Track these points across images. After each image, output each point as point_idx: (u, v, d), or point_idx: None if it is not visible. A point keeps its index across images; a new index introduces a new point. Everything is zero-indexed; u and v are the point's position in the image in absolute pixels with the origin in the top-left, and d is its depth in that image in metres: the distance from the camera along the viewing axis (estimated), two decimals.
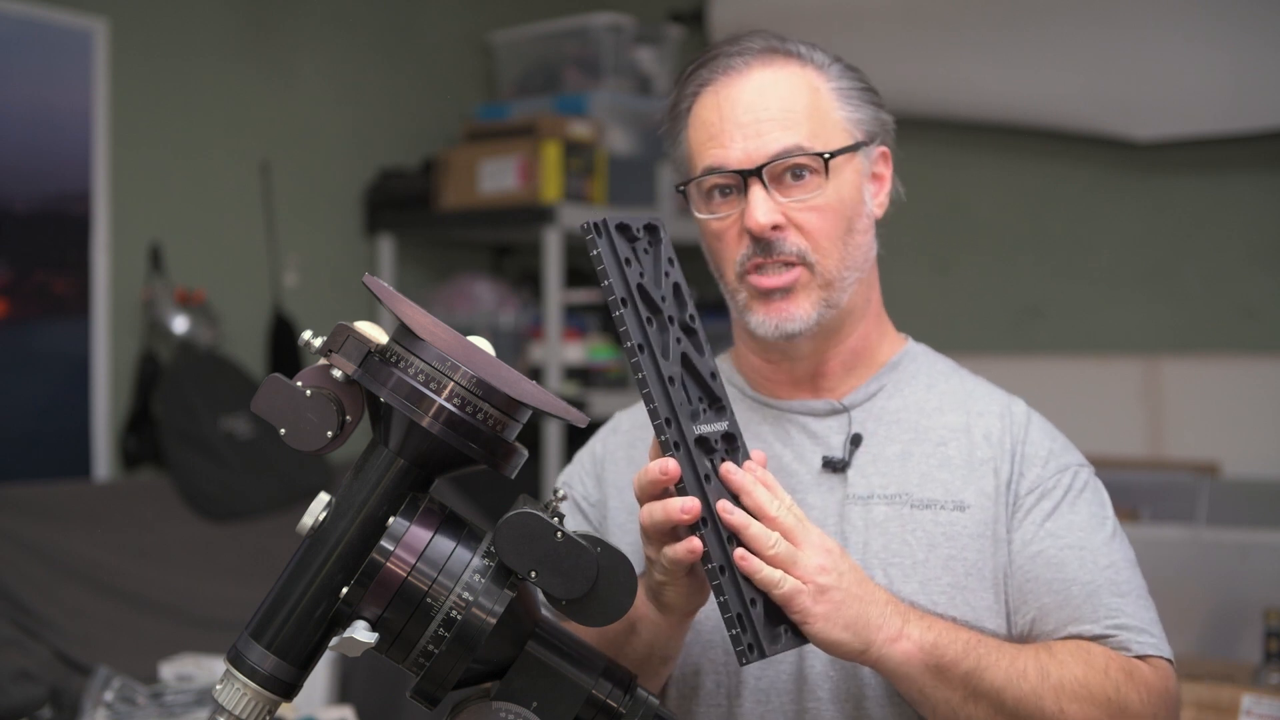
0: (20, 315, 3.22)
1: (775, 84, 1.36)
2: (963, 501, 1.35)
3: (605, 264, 1.17)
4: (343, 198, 3.96)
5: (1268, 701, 2.24)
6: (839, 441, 1.40)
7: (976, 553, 1.33)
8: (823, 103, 1.37)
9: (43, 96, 3.26)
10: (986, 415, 1.40)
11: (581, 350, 3.81)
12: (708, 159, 1.36)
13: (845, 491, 1.37)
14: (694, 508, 1.14)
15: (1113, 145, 3.64)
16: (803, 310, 1.36)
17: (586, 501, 1.48)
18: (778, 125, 1.34)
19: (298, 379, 1.04)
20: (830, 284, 1.36)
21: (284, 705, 1.07)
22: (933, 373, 1.45)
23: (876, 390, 1.42)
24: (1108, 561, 1.33)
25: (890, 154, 1.44)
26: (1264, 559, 2.84)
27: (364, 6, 4.01)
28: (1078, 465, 1.39)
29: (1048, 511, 1.34)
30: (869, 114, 1.40)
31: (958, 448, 1.38)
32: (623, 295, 1.17)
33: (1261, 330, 3.49)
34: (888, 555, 1.34)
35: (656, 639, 1.28)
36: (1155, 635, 1.32)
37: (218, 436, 3.30)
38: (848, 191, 1.37)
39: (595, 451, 1.51)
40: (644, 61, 4.07)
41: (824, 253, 1.35)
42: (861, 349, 1.43)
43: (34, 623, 2.82)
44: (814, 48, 1.41)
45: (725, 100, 1.36)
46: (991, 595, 1.33)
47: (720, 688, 1.36)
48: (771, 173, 1.34)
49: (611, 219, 1.19)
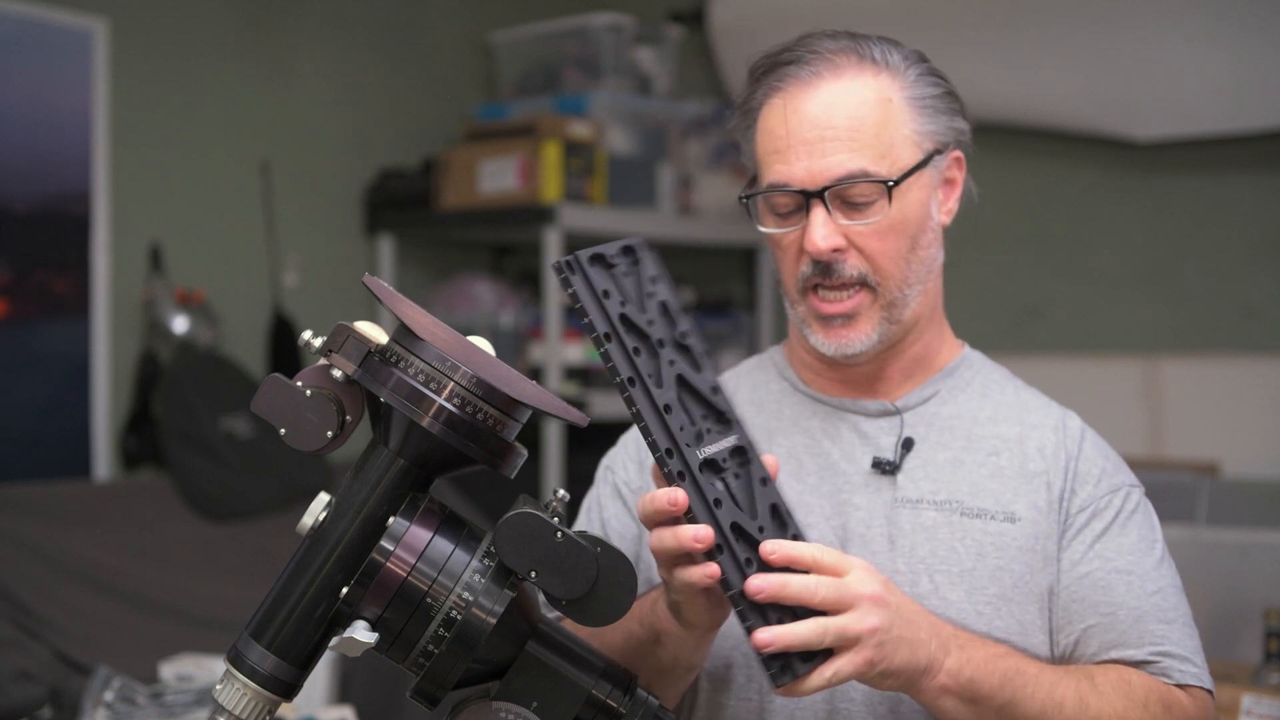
0: (20, 315, 3.22)
1: (845, 97, 1.32)
2: (1014, 514, 1.33)
3: (583, 301, 1.14)
4: (343, 198, 3.96)
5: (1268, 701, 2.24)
6: (889, 443, 1.38)
7: (1024, 566, 1.32)
8: (894, 117, 1.33)
9: (43, 96, 3.25)
10: (1041, 428, 1.38)
11: (581, 350, 3.81)
12: (772, 174, 1.33)
13: (895, 494, 1.35)
14: (707, 537, 1.11)
15: (1113, 145, 3.64)
16: (864, 334, 1.34)
17: (628, 487, 1.45)
18: (844, 146, 1.30)
19: (298, 379, 1.04)
20: (892, 304, 1.34)
21: (284, 705, 1.07)
22: (987, 381, 1.44)
23: (930, 395, 1.41)
24: (1155, 587, 1.32)
25: (964, 158, 1.41)
26: (1264, 559, 2.84)
27: (364, 6, 4.01)
28: (1130, 486, 1.37)
29: (1098, 533, 1.33)
30: (943, 123, 1.36)
31: (1010, 459, 1.36)
32: (605, 331, 1.14)
33: (1261, 330, 3.48)
34: (934, 561, 1.32)
35: (681, 651, 1.26)
36: (1198, 665, 1.31)
37: (218, 436, 3.30)
38: (913, 209, 1.34)
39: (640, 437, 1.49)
40: (644, 61, 4.07)
41: (885, 275, 1.33)
42: (923, 355, 1.42)
43: (34, 623, 2.82)
44: (892, 48, 1.37)
45: (793, 112, 1.32)
46: (1035, 610, 1.32)
47: (751, 681, 1.35)
48: (834, 195, 1.31)
49: (583, 253, 1.17)
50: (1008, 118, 3.69)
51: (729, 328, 4.04)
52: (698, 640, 1.25)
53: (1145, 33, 3.42)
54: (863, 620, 1.13)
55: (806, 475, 1.38)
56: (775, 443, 1.40)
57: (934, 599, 1.31)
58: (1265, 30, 3.31)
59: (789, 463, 1.38)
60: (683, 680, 1.31)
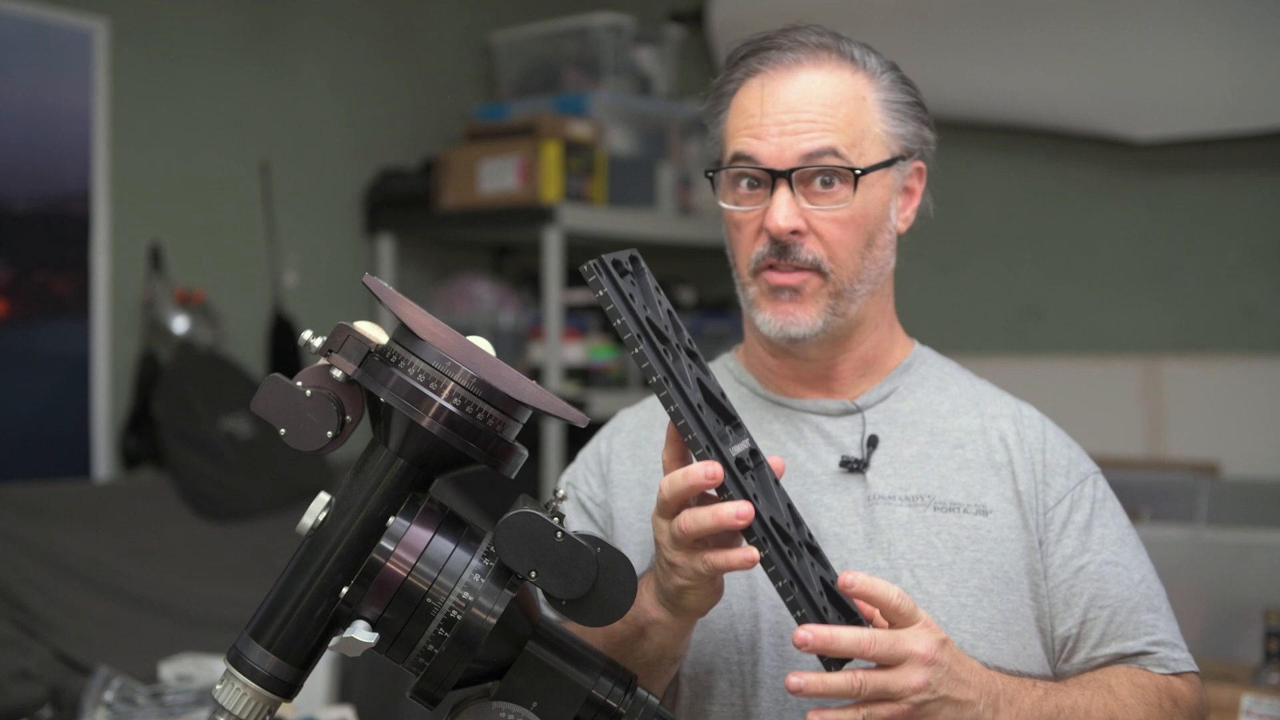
0: (20, 315, 3.22)
1: (821, 86, 1.34)
2: (985, 506, 1.35)
3: (614, 303, 1.14)
4: (343, 198, 3.96)
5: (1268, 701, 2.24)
6: (853, 442, 1.39)
7: (1002, 556, 1.34)
8: (866, 113, 1.35)
9: (43, 96, 3.25)
10: (1000, 418, 1.41)
11: (581, 350, 3.81)
12: (740, 146, 1.35)
13: (866, 491, 1.36)
14: (748, 512, 1.11)
15: (1113, 145, 3.64)
16: (809, 315, 1.35)
17: (592, 501, 1.47)
18: (816, 128, 1.33)
19: (298, 379, 1.04)
20: (840, 294, 1.36)
21: (284, 705, 1.07)
22: (942, 375, 1.46)
23: (889, 393, 1.42)
24: (1140, 576, 1.36)
25: (926, 170, 1.43)
26: (1264, 559, 2.84)
27: (364, 6, 4.01)
28: (1094, 472, 1.41)
29: (1081, 525, 1.36)
30: (912, 130, 1.39)
31: (975, 450, 1.38)
32: (637, 331, 1.14)
33: (1261, 330, 3.49)
34: (914, 556, 1.33)
35: (667, 641, 1.26)
36: (1184, 649, 1.36)
37: (218, 436, 3.30)
38: (874, 207, 1.36)
39: (600, 451, 1.50)
40: (644, 61, 4.07)
41: (839, 264, 1.35)
42: (873, 356, 1.43)
43: (34, 623, 2.82)
44: (869, 51, 1.39)
45: (769, 94, 1.35)
46: (1017, 600, 1.33)
47: (735, 686, 1.35)
48: (800, 176, 1.33)
49: (607, 257, 1.17)
50: (1008, 118, 3.69)
51: (729, 328, 4.04)
52: (686, 628, 1.26)
53: (1145, 33, 3.42)
54: (907, 678, 1.14)
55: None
56: None
57: (917, 593, 1.32)
58: (1265, 30, 3.31)
59: None
60: (666, 673, 1.31)
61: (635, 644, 1.27)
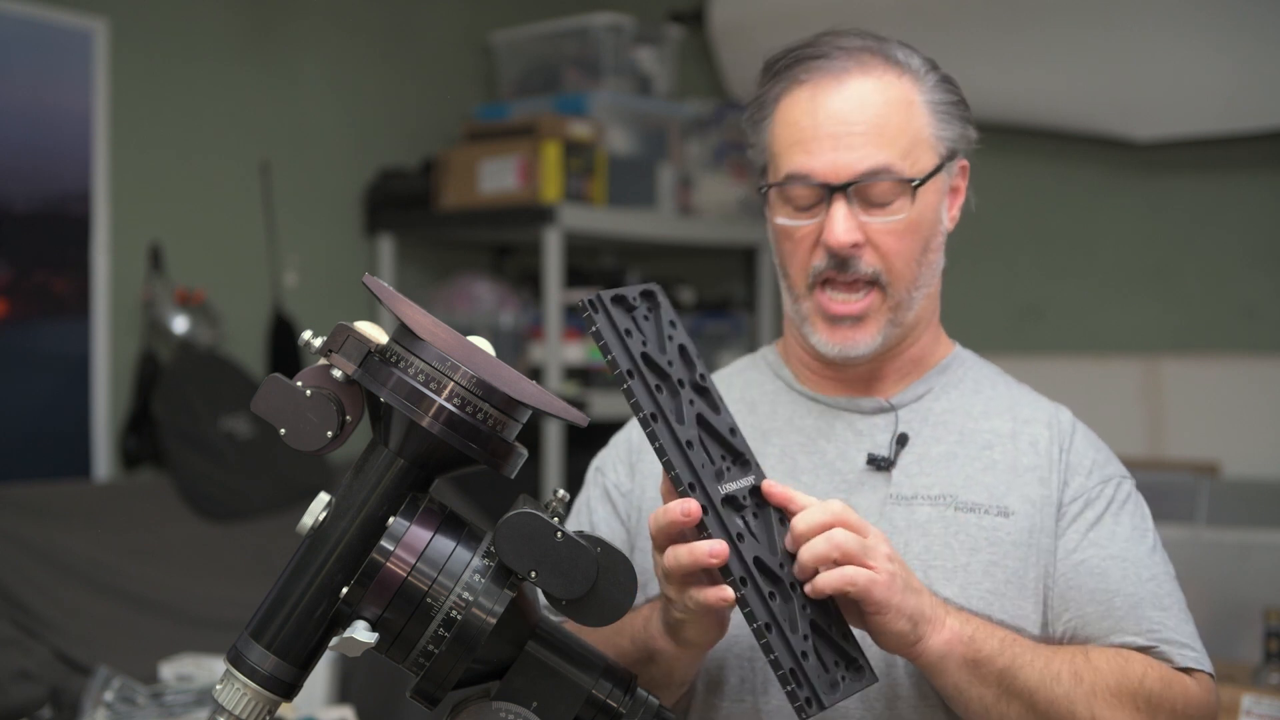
0: (20, 315, 3.22)
1: (871, 94, 1.33)
2: (1007, 507, 1.34)
3: (606, 339, 1.15)
4: (343, 198, 3.96)
5: (1268, 701, 2.24)
6: (884, 440, 1.39)
7: (1018, 560, 1.33)
8: (916, 119, 1.34)
9: (43, 96, 3.25)
10: (1033, 423, 1.40)
11: (581, 350, 3.80)
12: (794, 164, 1.34)
13: (888, 491, 1.36)
14: (722, 551, 1.11)
15: (1113, 145, 3.64)
16: (868, 336, 1.35)
17: (618, 490, 1.46)
18: (869, 142, 1.31)
19: (298, 379, 1.04)
20: (899, 305, 1.36)
21: (284, 705, 1.07)
22: (979, 377, 1.45)
23: (924, 392, 1.42)
24: (1150, 574, 1.33)
25: (969, 167, 1.43)
26: (1264, 559, 2.84)
27: (364, 7, 4.01)
28: (1121, 477, 1.39)
29: (1091, 521, 1.34)
30: (957, 130, 1.38)
31: (1003, 453, 1.37)
32: (628, 367, 1.15)
33: (1261, 330, 3.49)
34: (929, 557, 1.33)
35: (675, 668, 1.27)
36: (1197, 650, 1.32)
37: (218, 436, 3.30)
38: (928, 213, 1.36)
39: (632, 439, 1.48)
40: (644, 61, 4.07)
41: (898, 275, 1.34)
42: (919, 357, 1.43)
43: (34, 623, 2.82)
44: (911, 51, 1.38)
45: (820, 106, 1.33)
46: (1030, 605, 1.32)
47: (745, 683, 1.35)
48: (856, 191, 1.32)
49: (606, 294, 1.18)
50: (1008, 118, 3.69)
51: (729, 328, 4.04)
52: (692, 658, 1.25)
53: (1145, 33, 3.42)
54: (878, 547, 1.17)
55: (801, 474, 1.38)
56: (770, 442, 1.40)
57: None
58: (1265, 30, 3.31)
59: (784, 462, 1.39)
60: (673, 695, 1.31)
61: (643, 668, 1.27)
